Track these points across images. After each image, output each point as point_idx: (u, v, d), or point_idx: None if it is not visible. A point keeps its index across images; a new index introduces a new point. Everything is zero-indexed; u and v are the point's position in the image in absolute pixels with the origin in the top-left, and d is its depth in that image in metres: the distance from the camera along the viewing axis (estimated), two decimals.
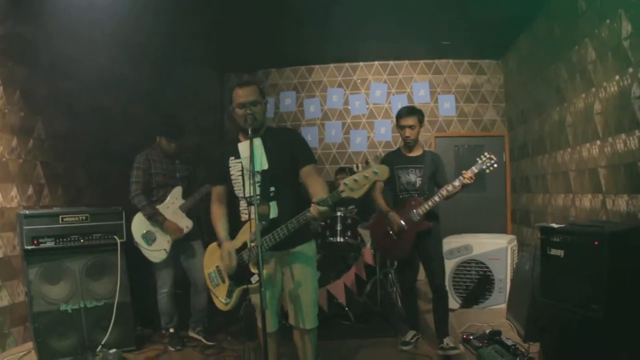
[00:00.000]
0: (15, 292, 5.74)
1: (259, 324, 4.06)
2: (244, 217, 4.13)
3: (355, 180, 3.59)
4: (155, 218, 5.76)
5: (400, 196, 5.68)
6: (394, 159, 5.74)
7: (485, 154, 5.37)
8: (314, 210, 3.72)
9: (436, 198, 5.40)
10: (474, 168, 5.29)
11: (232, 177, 4.17)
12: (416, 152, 5.73)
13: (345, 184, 3.64)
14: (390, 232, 5.63)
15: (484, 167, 5.33)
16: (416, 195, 5.60)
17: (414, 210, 5.47)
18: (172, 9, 6.55)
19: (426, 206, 5.44)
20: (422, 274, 5.86)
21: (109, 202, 6.23)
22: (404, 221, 5.49)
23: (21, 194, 5.91)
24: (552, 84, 6.56)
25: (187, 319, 6.20)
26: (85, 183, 7.02)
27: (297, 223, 3.86)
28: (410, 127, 5.57)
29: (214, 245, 4.36)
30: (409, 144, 5.69)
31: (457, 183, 5.29)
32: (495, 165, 5.34)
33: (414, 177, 5.63)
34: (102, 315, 5.57)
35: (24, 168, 5.99)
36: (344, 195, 3.65)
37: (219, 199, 4.32)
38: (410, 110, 5.65)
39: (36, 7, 5.97)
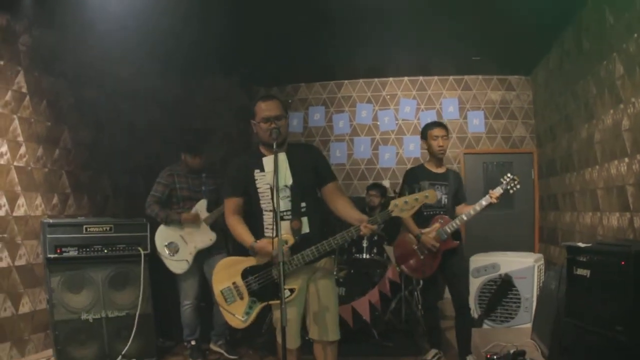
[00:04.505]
0: (37, 299, 5.79)
1: (279, 340, 4.03)
2: (268, 232, 4.09)
3: (405, 202, 3.80)
4: (172, 218, 5.80)
5: (425, 213, 5.50)
6: (419, 174, 5.66)
7: (509, 174, 5.29)
8: (365, 229, 3.81)
9: (464, 217, 5.33)
10: (499, 188, 5.23)
11: (259, 190, 4.13)
12: (441, 169, 5.67)
13: (395, 204, 3.81)
14: (416, 250, 5.54)
15: (508, 187, 5.25)
16: (442, 212, 5.49)
17: (442, 229, 5.37)
18: (202, 20, 6.59)
19: (454, 224, 5.36)
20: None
21: (134, 212, 6.27)
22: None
23: (46, 202, 5.97)
24: (581, 99, 6.46)
25: (209, 332, 6.20)
26: (110, 193, 7.08)
27: (341, 239, 3.92)
28: (443, 137, 5.51)
29: (226, 260, 4.26)
30: (440, 157, 5.61)
31: (484, 202, 5.20)
32: (518, 187, 5.26)
33: (439, 194, 5.46)
34: (123, 325, 5.61)
35: (50, 177, 6.06)
36: (393, 214, 3.84)
37: (236, 211, 4.23)
38: (440, 122, 5.71)
39: (62, 17, 6.05)
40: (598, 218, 5.87)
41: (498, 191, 5.19)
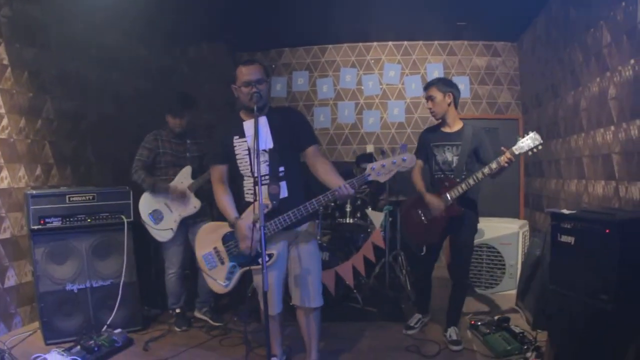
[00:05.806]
0: (22, 272, 5.76)
1: (262, 305, 4.04)
2: (249, 197, 4.12)
3: (382, 166, 3.73)
4: (158, 186, 5.73)
5: (436, 176, 5.29)
6: (430, 136, 5.38)
7: (530, 132, 4.77)
8: (343, 191, 3.79)
9: (470, 181, 4.94)
10: (514, 149, 4.74)
11: (238, 157, 4.15)
12: (454, 127, 5.26)
13: (372, 168, 3.76)
14: (422, 215, 5.31)
15: (527, 148, 4.74)
16: (451, 175, 5.15)
17: (446, 194, 5.05)
18: None
19: (459, 189, 4.99)
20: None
21: (119, 181, 6.22)
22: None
23: (29, 174, 5.91)
24: (567, 67, 6.42)
25: (194, 300, 6.20)
26: (94, 162, 7.00)
27: (317, 204, 3.92)
28: (430, 98, 5.20)
29: (209, 225, 4.37)
30: (439, 118, 5.28)
31: (494, 165, 4.78)
32: (540, 147, 4.76)
33: (450, 156, 5.18)
34: (108, 295, 5.58)
35: (32, 148, 5.98)
36: (370, 179, 3.79)
37: (221, 179, 4.30)
38: (428, 82, 5.33)
39: None
40: (583, 186, 5.87)
41: (511, 152, 4.71)
